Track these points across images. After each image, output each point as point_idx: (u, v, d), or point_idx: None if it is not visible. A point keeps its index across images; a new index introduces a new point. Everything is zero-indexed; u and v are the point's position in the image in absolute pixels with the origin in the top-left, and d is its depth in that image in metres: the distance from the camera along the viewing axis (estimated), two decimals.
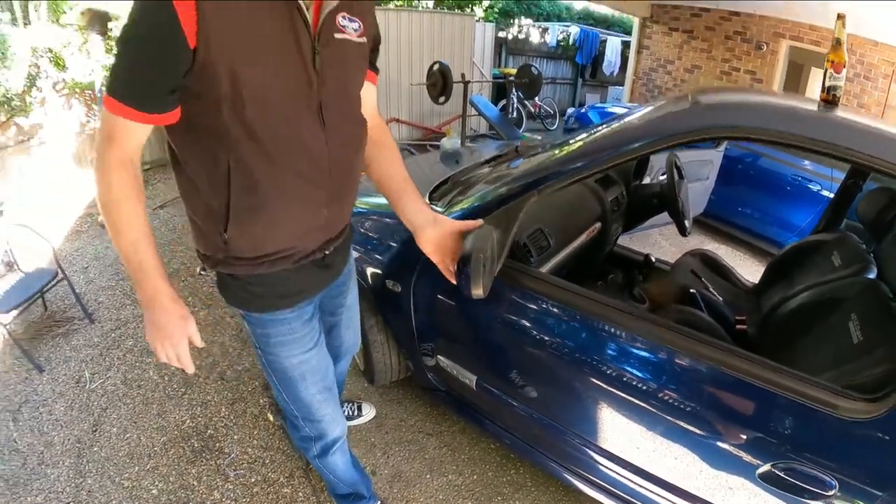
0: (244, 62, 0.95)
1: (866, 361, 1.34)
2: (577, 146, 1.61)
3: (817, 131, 1.23)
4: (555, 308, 1.53)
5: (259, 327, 1.27)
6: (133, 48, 0.94)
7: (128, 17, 0.95)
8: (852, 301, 1.63)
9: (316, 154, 1.10)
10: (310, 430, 1.45)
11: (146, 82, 0.94)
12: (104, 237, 4.93)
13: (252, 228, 1.10)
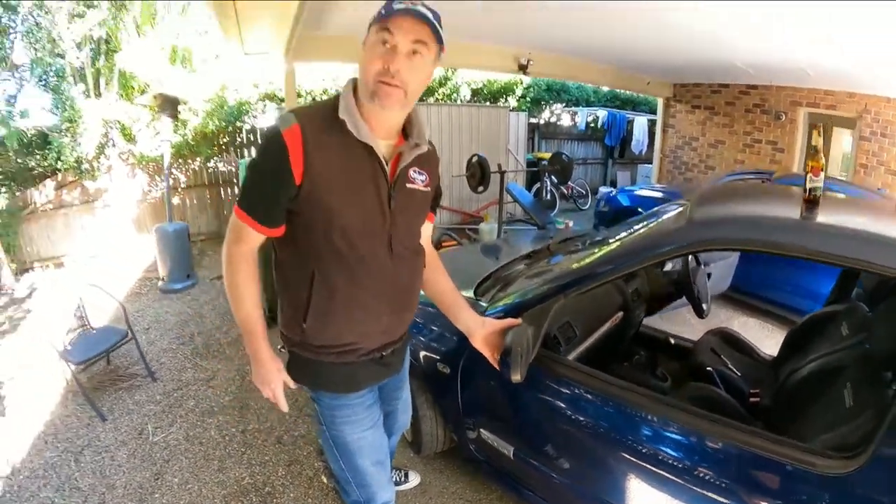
0: (336, 201, 1.29)
1: (854, 424, 1.52)
2: (595, 257, 1.95)
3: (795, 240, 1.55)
4: (580, 390, 1.82)
5: (325, 407, 1.53)
6: (258, 176, 1.32)
7: (258, 150, 1.34)
8: (849, 369, 1.82)
9: (382, 275, 1.41)
10: (360, 495, 1.65)
11: (264, 203, 1.30)
12: (163, 301, 5.45)
13: (325, 323, 1.40)
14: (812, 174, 1.67)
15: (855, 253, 1.43)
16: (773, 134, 7.60)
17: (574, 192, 10.31)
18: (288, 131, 1.23)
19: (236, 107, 7.76)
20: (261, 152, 1.32)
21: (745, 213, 1.84)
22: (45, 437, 3.16)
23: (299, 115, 1.27)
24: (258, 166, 1.32)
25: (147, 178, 7.57)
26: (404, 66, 1.22)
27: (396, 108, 1.30)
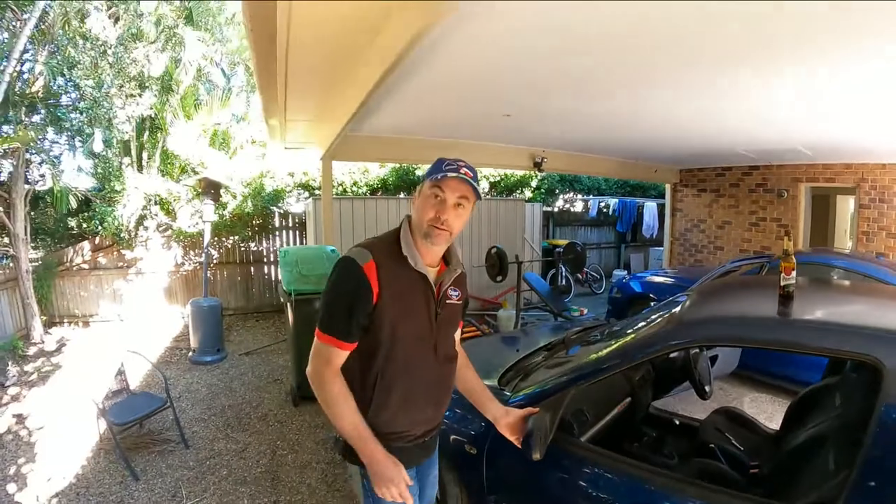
0: (399, 318, 1.61)
1: (833, 483, 1.70)
2: (602, 353, 2.26)
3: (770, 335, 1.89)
4: (592, 468, 2.07)
5: None
6: (341, 302, 1.58)
7: (334, 276, 1.61)
8: (835, 435, 2.03)
9: (430, 375, 1.73)
10: None
11: (346, 324, 1.57)
12: (193, 372, 5.69)
13: (384, 416, 1.67)
14: (785, 273, 2.00)
15: (821, 342, 1.75)
16: (776, 211, 7.93)
17: (588, 276, 10.62)
18: (367, 265, 1.56)
19: (273, 193, 8.38)
20: (342, 282, 1.59)
21: (727, 314, 2.17)
22: (77, 490, 3.36)
23: (373, 251, 1.60)
24: (341, 294, 1.60)
25: (181, 252, 8.04)
26: (451, 216, 1.60)
27: (443, 245, 1.68)
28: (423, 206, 1.62)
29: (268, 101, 3.92)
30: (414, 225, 1.67)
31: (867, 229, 6.83)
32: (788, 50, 2.64)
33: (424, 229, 1.61)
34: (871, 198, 6.71)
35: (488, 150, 6.27)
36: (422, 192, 1.65)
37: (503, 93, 3.80)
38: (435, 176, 1.58)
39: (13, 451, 3.82)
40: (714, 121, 4.72)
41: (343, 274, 1.60)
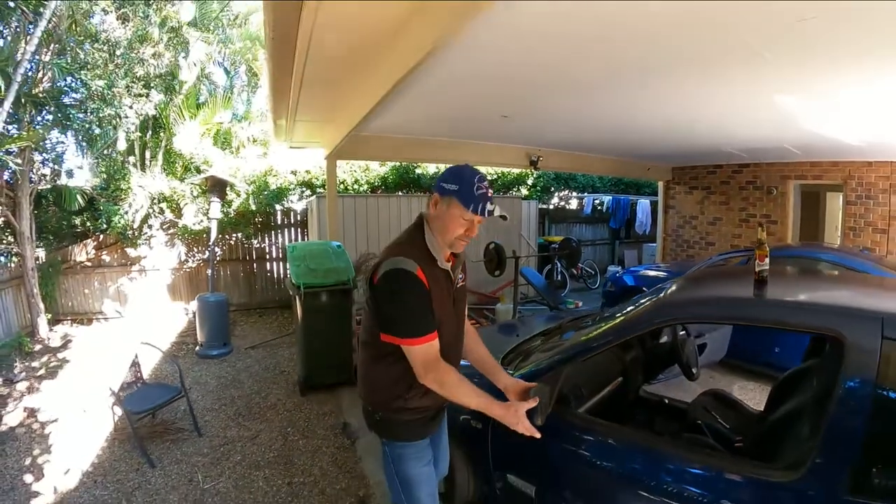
0: (437, 309, 1.86)
1: (806, 448, 1.87)
2: (593, 334, 2.48)
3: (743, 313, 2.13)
4: (587, 435, 2.30)
5: (400, 450, 2.01)
6: (415, 305, 1.79)
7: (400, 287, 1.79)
8: (810, 408, 2.22)
9: (455, 352, 2.00)
10: None
11: (427, 319, 1.81)
12: (201, 365, 5.87)
13: (424, 394, 1.92)
14: (759, 260, 2.23)
15: (791, 318, 1.98)
16: (766, 208, 8.12)
17: (583, 272, 10.84)
18: (418, 272, 1.79)
19: (276, 191, 8.55)
20: (411, 290, 1.80)
21: (707, 295, 2.40)
22: (95, 477, 3.50)
23: (416, 258, 1.82)
24: (413, 299, 1.80)
25: (185, 250, 8.19)
26: (475, 231, 1.88)
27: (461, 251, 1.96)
28: (453, 226, 1.85)
29: (278, 102, 4.08)
30: (437, 231, 1.89)
31: (854, 225, 7.02)
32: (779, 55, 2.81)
33: (450, 241, 1.87)
34: (857, 194, 6.90)
35: (486, 149, 6.49)
36: (450, 212, 1.84)
37: (502, 96, 3.98)
38: (473, 207, 1.78)
39: (27, 443, 3.93)
40: (705, 121, 4.92)
41: (409, 283, 1.79)
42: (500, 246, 5.96)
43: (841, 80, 3.17)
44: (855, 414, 1.70)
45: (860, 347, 1.72)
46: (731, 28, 2.43)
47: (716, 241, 8.92)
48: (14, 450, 3.82)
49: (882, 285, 2.70)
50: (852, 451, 1.69)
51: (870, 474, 1.68)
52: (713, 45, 2.71)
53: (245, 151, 9.24)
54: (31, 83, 6.14)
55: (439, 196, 1.86)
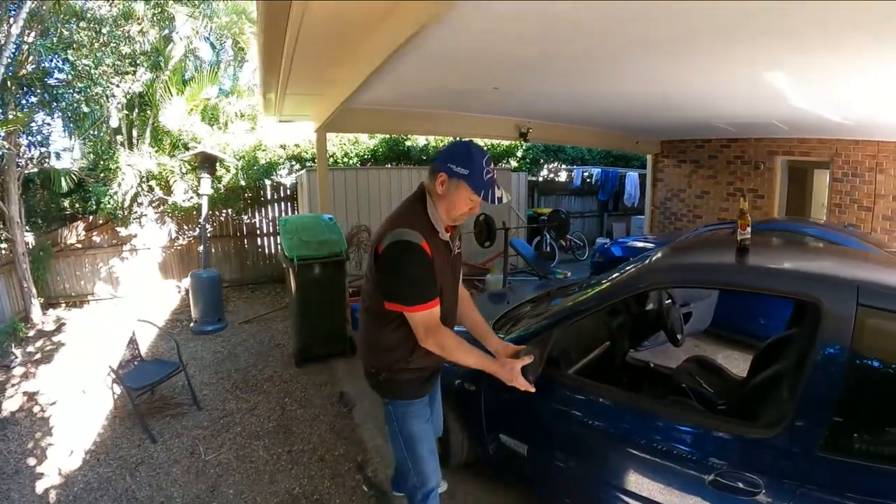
0: (440, 277, 1.96)
1: (785, 408, 1.97)
2: (580, 298, 2.57)
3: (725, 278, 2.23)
4: (574, 394, 2.41)
5: (403, 408, 2.13)
6: (420, 274, 1.89)
7: (406, 258, 1.87)
8: (790, 372, 2.32)
9: (452, 315, 2.11)
10: (417, 479, 2.20)
11: (431, 286, 1.92)
12: (196, 341, 5.92)
13: (425, 355, 2.02)
14: (741, 229, 2.30)
15: (771, 284, 2.08)
16: (753, 182, 8.21)
17: (572, 243, 10.94)
18: (423, 244, 1.88)
19: (265, 166, 8.50)
20: (416, 260, 1.88)
21: (690, 261, 2.48)
22: (98, 455, 3.53)
23: (421, 229, 1.90)
24: (418, 269, 1.89)
25: (175, 227, 8.15)
26: (477, 209, 2.00)
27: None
28: (458, 204, 1.95)
29: (269, 77, 4.06)
30: (442, 208, 1.98)
31: (839, 202, 7.12)
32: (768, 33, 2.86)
33: (455, 216, 1.99)
34: (844, 172, 6.98)
35: (476, 120, 6.49)
36: (458, 191, 1.93)
37: (493, 69, 3.99)
38: (482, 194, 1.89)
39: (28, 426, 3.94)
40: (695, 96, 4.96)
41: (414, 254, 1.88)
42: (490, 217, 6.01)
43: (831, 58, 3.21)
44: (830, 376, 1.79)
45: (836, 313, 1.80)
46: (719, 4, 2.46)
47: (703, 215, 9.02)
48: (16, 434, 3.83)
49: (861, 257, 2.81)
50: (827, 412, 1.78)
51: (843, 434, 1.77)
52: (703, 22, 2.74)
53: (233, 127, 9.13)
54: (15, 65, 5.99)
55: (447, 177, 1.92)
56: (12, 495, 3.09)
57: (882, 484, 1.66)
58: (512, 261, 8.55)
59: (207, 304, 6.31)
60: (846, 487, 1.69)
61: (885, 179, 6.56)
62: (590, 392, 2.39)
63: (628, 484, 2.21)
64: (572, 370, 2.70)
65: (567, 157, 12.41)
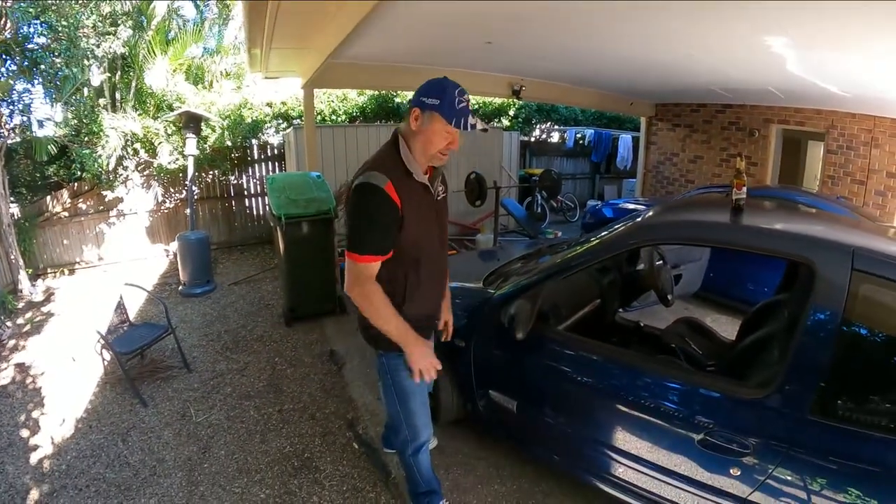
0: (417, 223, 1.89)
1: (775, 370, 1.97)
2: (571, 254, 2.53)
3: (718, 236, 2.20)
4: (564, 349, 2.41)
5: (396, 360, 2.08)
6: (380, 222, 1.82)
7: (362, 201, 1.82)
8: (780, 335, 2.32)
9: (438, 262, 2.07)
10: (409, 433, 2.20)
11: (387, 241, 1.85)
12: (185, 304, 5.91)
13: (416, 302, 2.00)
14: (736, 189, 2.26)
15: (765, 244, 2.04)
16: (747, 149, 8.08)
17: (563, 205, 10.90)
18: (387, 186, 1.79)
19: (252, 125, 8.29)
20: (372, 205, 1.81)
21: (683, 218, 2.44)
22: (89, 423, 3.52)
23: (388, 172, 1.83)
24: (372, 216, 1.82)
25: (162, 190, 8.00)
26: (456, 143, 1.90)
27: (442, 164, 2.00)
28: (435, 140, 1.87)
29: (253, 31, 3.92)
30: (418, 146, 1.90)
31: (833, 174, 7.02)
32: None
33: (432, 153, 1.90)
34: (838, 144, 6.86)
35: (468, 76, 6.29)
36: (432, 126, 1.85)
37: (485, 22, 3.85)
38: (455, 121, 1.81)
39: (20, 399, 3.90)
40: (692, 58, 4.84)
41: (371, 198, 1.81)
42: (481, 176, 5.96)
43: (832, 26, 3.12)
44: (822, 340, 1.78)
45: (830, 277, 1.78)
46: None
47: (695, 179, 8.95)
48: (8, 407, 3.80)
49: (856, 224, 2.78)
50: (818, 375, 1.77)
51: (833, 398, 1.77)
52: None
53: (219, 86, 8.87)
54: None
55: (420, 111, 1.85)
56: (7, 468, 3.08)
57: (870, 450, 1.66)
58: (503, 221, 8.55)
59: (196, 266, 6.25)
60: (834, 452, 1.70)
61: (879, 154, 6.44)
62: (579, 347, 2.39)
63: (617, 441, 2.23)
64: (562, 326, 2.69)
65: (560, 118, 12.23)
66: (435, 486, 2.42)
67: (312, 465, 3.00)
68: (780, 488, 1.78)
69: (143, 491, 2.82)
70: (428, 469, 2.37)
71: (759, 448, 1.81)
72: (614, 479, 2.28)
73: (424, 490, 2.39)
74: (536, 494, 2.70)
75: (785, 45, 3.77)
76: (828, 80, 5.04)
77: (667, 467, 2.06)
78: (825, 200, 5.14)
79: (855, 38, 3.26)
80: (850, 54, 3.76)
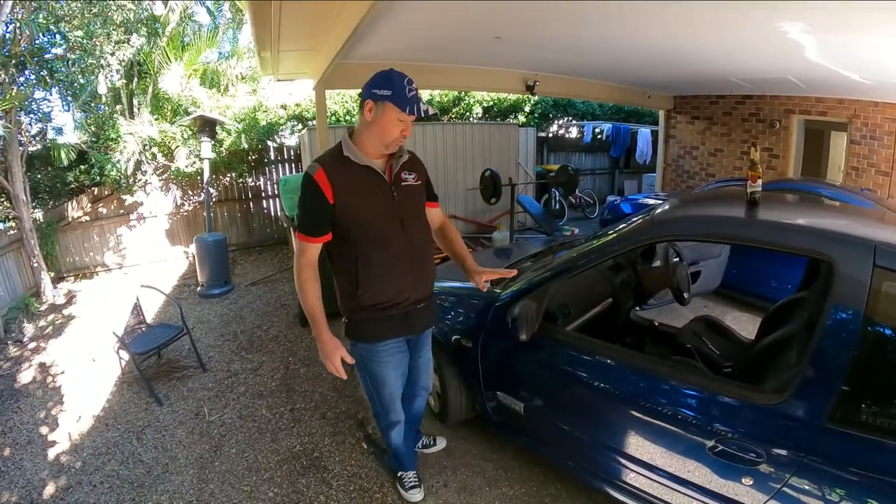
0: (358, 205, 1.99)
1: (792, 373, 1.87)
2: (581, 251, 2.46)
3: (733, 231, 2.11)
4: (571, 351, 2.33)
5: (366, 351, 2.22)
6: (306, 206, 1.99)
7: (301, 191, 2.00)
8: (799, 336, 2.23)
9: (401, 247, 2.08)
10: (384, 416, 2.44)
11: (315, 223, 1.99)
12: (203, 305, 5.99)
13: (372, 288, 2.07)
14: (751, 181, 2.16)
15: (782, 240, 1.94)
16: (768, 141, 7.87)
17: (582, 201, 10.77)
18: (317, 174, 1.95)
19: (267, 127, 8.35)
20: (304, 191, 1.99)
21: (697, 213, 2.35)
22: (106, 421, 3.61)
23: (322, 161, 2.00)
24: (304, 201, 2.00)
25: (180, 193, 8.13)
26: (409, 129, 1.99)
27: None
28: (389, 127, 1.96)
29: (261, 34, 3.92)
30: (373, 135, 2.00)
31: (857, 165, 6.81)
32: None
33: (388, 142, 1.99)
34: (862, 134, 6.63)
35: (479, 73, 6.22)
36: (386, 115, 1.94)
37: (493, 15, 3.78)
38: (408, 108, 1.91)
39: (41, 397, 4.01)
40: (709, 47, 4.70)
41: (304, 185, 2.00)
42: (496, 173, 5.90)
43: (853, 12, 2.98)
44: (842, 342, 1.67)
45: (850, 274, 1.68)
46: None
47: (716, 173, 8.73)
48: (29, 406, 3.89)
49: (878, 217, 2.65)
50: (837, 380, 1.67)
51: (853, 404, 1.67)
52: None
53: (234, 90, 8.95)
54: (9, 44, 5.92)
55: (373, 102, 1.94)
56: (25, 464, 3.17)
57: (891, 459, 1.56)
58: (520, 218, 8.47)
59: (214, 267, 6.32)
60: (853, 462, 1.60)
61: None
62: (586, 349, 2.32)
63: (624, 446, 2.16)
64: (571, 327, 2.63)
65: (577, 113, 12.06)
66: (407, 458, 2.66)
67: (321, 465, 3.00)
68: (795, 498, 1.69)
69: (156, 488, 2.87)
70: (400, 445, 2.60)
71: (773, 456, 1.72)
72: (623, 485, 2.22)
73: (398, 456, 2.66)
74: (545, 498, 2.65)
75: (803, 30, 3.63)
76: (849, 68, 4.85)
77: (677, 474, 1.98)
78: (849, 193, 4.94)
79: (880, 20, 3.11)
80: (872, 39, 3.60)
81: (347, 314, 2.19)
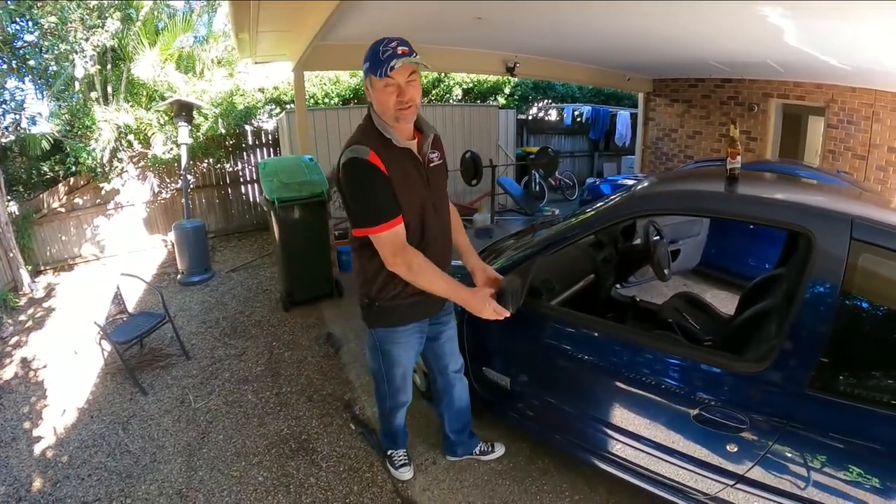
0: (406, 190, 1.88)
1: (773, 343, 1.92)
2: (564, 227, 2.49)
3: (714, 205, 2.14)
4: (556, 324, 2.37)
5: (385, 333, 2.16)
6: (374, 191, 1.82)
7: (355, 176, 1.83)
8: (778, 309, 2.28)
9: (436, 231, 2.02)
10: (392, 396, 2.38)
11: (389, 204, 1.83)
12: (184, 292, 5.90)
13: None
14: (731, 158, 2.21)
15: (761, 213, 1.99)
16: (747, 124, 8.00)
17: (562, 183, 10.82)
18: (371, 156, 1.80)
19: (244, 111, 8.20)
20: (365, 176, 1.82)
21: (677, 188, 2.40)
22: (91, 413, 3.53)
23: (368, 143, 1.82)
24: (370, 185, 1.82)
25: (157, 181, 7.94)
26: (409, 93, 1.81)
27: (412, 119, 1.91)
28: (383, 99, 1.81)
29: (239, 15, 3.84)
30: (380, 114, 1.87)
31: (833, 148, 6.95)
32: None
33: (393, 114, 1.83)
34: (839, 118, 6.77)
35: (459, 54, 6.20)
36: (374, 87, 1.82)
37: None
38: (381, 71, 1.74)
39: (23, 393, 3.90)
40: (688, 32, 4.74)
41: (362, 170, 1.82)
42: (477, 154, 5.89)
43: None
44: (820, 312, 1.73)
45: (828, 247, 1.72)
46: None
47: (695, 155, 8.86)
48: (12, 402, 3.79)
49: (856, 194, 2.72)
50: (816, 349, 1.73)
51: (831, 372, 1.73)
52: None
53: (210, 74, 8.75)
54: None
55: (365, 79, 1.86)
56: (11, 462, 3.09)
57: (869, 425, 1.63)
58: (500, 199, 8.49)
59: (193, 255, 6.22)
60: (833, 427, 1.67)
61: (880, 129, 6.35)
62: (571, 322, 2.35)
63: (610, 417, 2.21)
64: (555, 302, 2.66)
65: (557, 95, 12.08)
66: (401, 437, 2.66)
67: (310, 447, 3.01)
68: (778, 464, 1.75)
69: (144, 478, 2.84)
70: (400, 425, 2.59)
71: (756, 423, 1.78)
72: (610, 456, 2.27)
73: (391, 435, 2.66)
74: (533, 472, 2.69)
75: (782, 14, 3.68)
76: (828, 53, 4.93)
77: (663, 443, 2.04)
78: (826, 174, 5.07)
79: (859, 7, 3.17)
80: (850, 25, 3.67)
81: (373, 300, 2.08)
